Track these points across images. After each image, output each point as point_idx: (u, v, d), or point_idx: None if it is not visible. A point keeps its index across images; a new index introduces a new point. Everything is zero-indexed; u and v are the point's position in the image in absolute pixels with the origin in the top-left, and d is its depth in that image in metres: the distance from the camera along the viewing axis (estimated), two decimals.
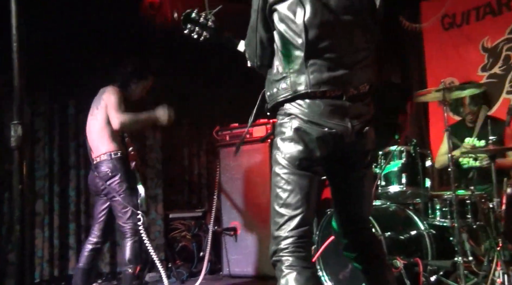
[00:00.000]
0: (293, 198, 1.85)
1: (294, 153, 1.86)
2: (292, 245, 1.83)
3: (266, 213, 5.00)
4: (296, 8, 1.84)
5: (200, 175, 5.93)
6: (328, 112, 1.84)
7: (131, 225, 3.45)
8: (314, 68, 1.84)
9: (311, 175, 1.88)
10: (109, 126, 3.50)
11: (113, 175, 3.44)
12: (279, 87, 1.92)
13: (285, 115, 1.91)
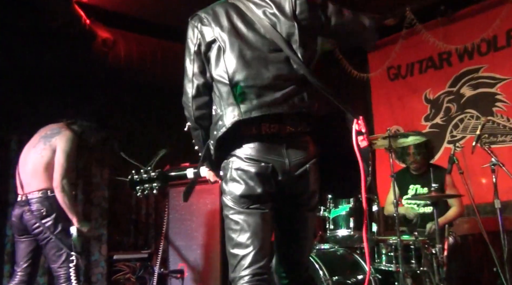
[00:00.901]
0: (243, 237, 1.85)
1: (236, 192, 1.87)
2: (248, 283, 1.81)
3: (215, 254, 4.97)
4: (220, 50, 1.91)
5: (148, 214, 5.79)
6: (265, 148, 1.87)
7: (66, 268, 3.29)
8: (242, 98, 1.87)
9: (258, 212, 1.87)
10: (53, 167, 3.38)
11: (48, 214, 3.29)
12: (217, 126, 1.93)
13: (226, 158, 1.93)
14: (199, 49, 1.98)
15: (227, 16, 1.95)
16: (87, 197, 5.31)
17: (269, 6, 1.94)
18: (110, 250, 5.28)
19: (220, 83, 1.92)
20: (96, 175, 5.42)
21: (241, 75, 1.88)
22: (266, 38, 1.92)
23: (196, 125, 2.07)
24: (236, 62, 1.89)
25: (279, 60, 1.91)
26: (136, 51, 5.09)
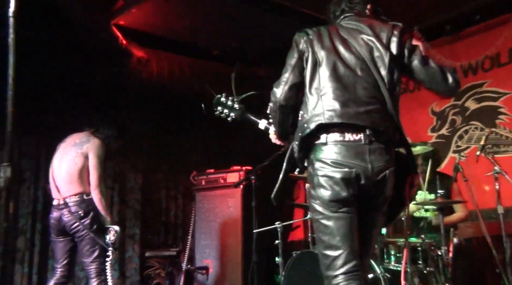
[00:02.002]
0: (333, 240, 1.86)
1: (324, 197, 1.88)
2: (342, 280, 1.83)
3: (237, 253, 4.98)
4: (316, 63, 2.00)
5: (176, 216, 5.82)
6: (349, 153, 1.87)
7: (97, 264, 3.33)
8: (329, 106, 1.92)
9: (346, 215, 1.88)
10: (86, 172, 3.44)
11: (85, 215, 3.34)
12: (303, 128, 1.97)
13: (311, 164, 1.96)
14: (300, 57, 2.05)
15: (329, 36, 2.05)
16: (122, 199, 5.38)
17: (369, 33, 2.03)
18: (142, 248, 5.33)
19: (311, 91, 1.98)
20: (130, 179, 5.49)
21: (331, 87, 1.94)
22: (359, 59, 1.98)
23: (277, 110, 2.09)
24: (329, 75, 1.96)
25: (367, 81, 1.96)
26: (167, 68, 5.16)
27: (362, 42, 2.01)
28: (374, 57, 1.98)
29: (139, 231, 5.39)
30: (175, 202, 5.84)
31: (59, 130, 4.73)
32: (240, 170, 5.10)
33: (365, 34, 2.03)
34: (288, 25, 5.00)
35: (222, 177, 5.22)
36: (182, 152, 5.90)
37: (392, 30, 2.03)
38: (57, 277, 3.41)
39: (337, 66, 1.97)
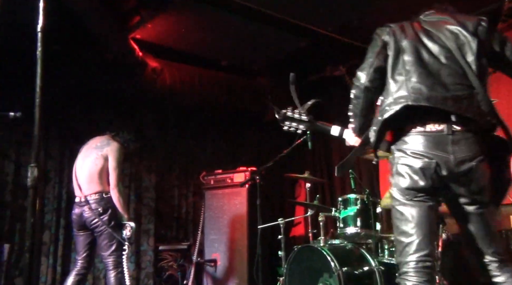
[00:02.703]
0: (407, 227, 1.77)
1: (402, 185, 1.79)
2: (412, 269, 1.73)
3: (243, 247, 4.96)
4: (399, 51, 1.89)
5: (187, 212, 5.82)
6: (430, 144, 1.76)
7: (114, 257, 3.34)
8: (414, 89, 1.80)
9: (422, 204, 1.77)
10: (105, 172, 3.46)
11: (104, 211, 3.36)
12: (384, 111, 1.84)
13: (392, 153, 1.86)
14: (383, 45, 1.94)
15: (412, 27, 1.95)
16: (138, 197, 5.39)
17: (453, 23, 1.91)
18: (156, 242, 5.33)
19: (394, 77, 1.87)
20: (145, 179, 5.50)
21: (416, 71, 1.83)
22: (443, 47, 1.87)
23: (361, 94, 1.95)
24: (414, 62, 1.84)
25: (453, 67, 1.83)
26: (179, 77, 5.18)
27: (447, 31, 1.89)
28: (460, 44, 1.85)
29: (153, 227, 5.39)
30: (186, 200, 5.85)
31: (81, 135, 4.77)
32: (246, 171, 5.10)
33: (449, 24, 1.91)
34: (289, 39, 5.03)
35: (229, 177, 5.22)
36: (192, 154, 5.92)
37: (478, 20, 1.90)
38: (78, 268, 3.42)
39: (421, 53, 1.86)
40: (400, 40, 1.91)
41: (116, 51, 4.50)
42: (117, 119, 5.18)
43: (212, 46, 5.20)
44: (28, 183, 1.52)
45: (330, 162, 6.28)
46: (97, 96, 5.02)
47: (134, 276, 5.04)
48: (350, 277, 3.38)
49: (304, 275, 3.60)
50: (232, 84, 5.73)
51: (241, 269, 4.82)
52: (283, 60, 5.61)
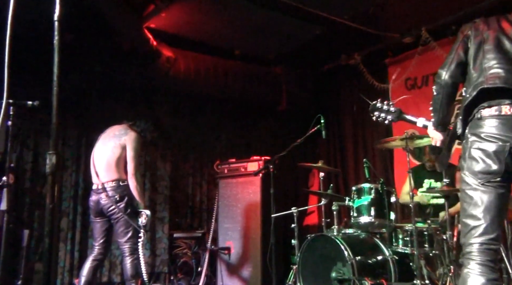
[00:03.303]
0: (475, 210, 1.77)
1: (474, 169, 1.80)
2: (476, 251, 1.75)
3: (256, 235, 4.98)
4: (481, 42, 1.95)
5: (201, 201, 5.87)
6: (505, 127, 1.76)
7: (130, 244, 3.38)
8: (492, 74, 1.85)
9: (493, 190, 1.77)
10: (122, 161, 3.49)
11: (121, 199, 3.39)
12: (465, 99, 1.90)
13: (465, 138, 1.89)
14: (463, 40, 2.01)
15: (497, 20, 2.00)
16: (153, 185, 5.44)
17: None
18: (171, 229, 5.39)
19: (475, 67, 1.93)
20: (160, 168, 5.55)
21: (495, 58, 1.88)
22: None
23: (441, 90, 2.03)
24: (493, 49, 1.90)
25: None
26: (193, 67, 5.17)
27: None
28: None
29: (168, 215, 5.45)
30: (200, 189, 5.89)
31: (97, 123, 4.82)
32: (260, 160, 5.10)
33: None
34: (304, 28, 4.98)
35: (243, 166, 5.23)
36: (207, 143, 5.95)
37: None
38: (95, 254, 3.48)
39: (502, 41, 1.91)
40: (482, 32, 1.97)
41: (131, 40, 4.51)
42: (133, 108, 5.22)
43: (226, 35, 5.17)
44: (47, 170, 1.54)
45: (344, 151, 6.25)
46: (113, 86, 5.05)
47: (149, 262, 5.11)
48: (363, 266, 3.38)
49: (317, 264, 3.61)
50: (247, 73, 5.71)
51: (255, 257, 4.85)
52: (298, 49, 5.56)
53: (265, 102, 6.08)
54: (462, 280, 1.73)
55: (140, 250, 3.40)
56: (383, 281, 3.31)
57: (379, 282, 3.31)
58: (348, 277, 3.31)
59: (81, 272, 3.44)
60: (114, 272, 4.97)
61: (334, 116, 6.34)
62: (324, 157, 5.84)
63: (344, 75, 6.15)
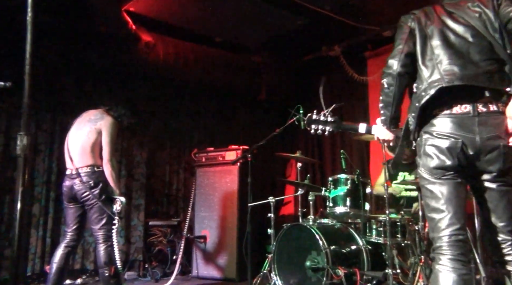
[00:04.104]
0: (437, 204, 1.82)
1: (430, 165, 1.85)
2: (446, 243, 1.79)
3: (233, 224, 5.00)
4: (426, 37, 1.95)
5: (178, 189, 5.84)
6: (456, 125, 1.81)
7: (104, 231, 3.34)
8: (447, 71, 1.85)
9: (450, 181, 1.82)
10: (97, 146, 3.42)
11: (95, 185, 3.33)
12: (420, 97, 1.89)
13: (420, 136, 1.92)
14: (410, 31, 1.99)
15: (435, 12, 1.99)
16: (129, 173, 5.38)
17: (474, 1, 1.93)
18: (146, 217, 5.35)
19: (425, 63, 1.92)
20: (137, 155, 5.48)
21: (445, 54, 1.88)
22: (468, 27, 1.90)
23: (393, 81, 1.98)
24: (441, 45, 1.90)
25: (481, 44, 1.87)
26: (172, 53, 5.10)
27: (469, 10, 1.93)
28: (483, 20, 1.88)
29: (144, 202, 5.40)
30: (177, 177, 5.86)
31: (72, 108, 4.73)
32: (238, 149, 5.10)
33: (471, 2, 1.94)
34: (284, 16, 4.96)
35: (221, 155, 5.22)
36: (185, 131, 5.91)
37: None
38: (67, 241, 3.42)
39: (447, 36, 1.91)
40: (425, 26, 1.96)
41: (108, 23, 4.40)
42: (110, 93, 5.12)
43: (207, 22, 5.11)
44: (17, 152, 1.50)
45: (322, 142, 6.30)
46: (89, 69, 4.94)
47: (123, 250, 5.07)
48: (337, 255, 3.44)
49: (292, 253, 3.65)
50: (227, 61, 5.67)
51: (231, 246, 4.88)
52: (279, 38, 5.55)
53: (244, 91, 6.06)
54: (434, 276, 1.77)
55: (114, 237, 3.36)
56: (356, 270, 3.37)
57: (352, 271, 3.37)
58: (322, 265, 3.36)
59: (53, 259, 3.37)
60: (87, 259, 4.91)
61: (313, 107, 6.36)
62: (302, 147, 5.89)
63: (324, 67, 6.18)
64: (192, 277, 5.01)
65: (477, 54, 1.85)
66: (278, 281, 3.66)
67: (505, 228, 1.84)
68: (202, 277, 4.96)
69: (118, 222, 3.37)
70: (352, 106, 5.99)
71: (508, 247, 1.84)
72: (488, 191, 1.86)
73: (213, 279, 4.89)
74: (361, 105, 5.88)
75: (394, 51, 2.01)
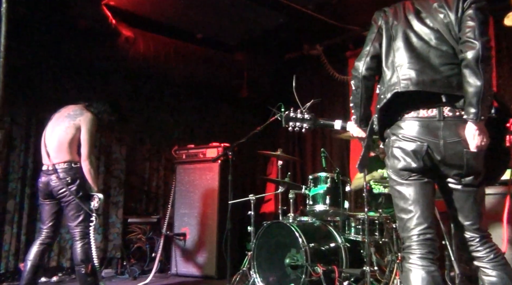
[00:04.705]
0: (405, 204, 1.87)
1: (396, 166, 1.89)
2: (415, 243, 1.83)
3: (213, 221, 4.98)
4: (391, 38, 1.97)
5: (158, 186, 5.79)
6: (422, 129, 1.84)
7: (81, 228, 3.29)
8: (404, 75, 1.87)
9: (417, 182, 1.86)
10: (75, 142, 3.36)
11: (72, 181, 3.28)
12: (380, 99, 1.94)
13: (388, 137, 1.96)
14: (379, 31, 2.01)
15: (404, 10, 2.00)
16: (108, 169, 5.30)
17: (441, 2, 1.93)
18: (125, 214, 5.28)
19: (387, 65, 1.95)
20: (115, 151, 5.40)
21: (405, 57, 1.90)
22: (432, 29, 1.91)
23: (359, 83, 2.02)
24: (403, 47, 1.92)
25: (442, 48, 1.88)
26: (153, 48, 5.04)
27: (434, 11, 1.93)
28: (448, 24, 1.88)
29: (123, 199, 5.33)
30: (157, 174, 5.80)
31: (50, 103, 4.62)
32: (219, 146, 5.08)
33: (437, 1, 1.94)
34: (266, 14, 4.96)
35: (201, 152, 5.19)
36: (165, 127, 5.85)
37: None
38: (43, 238, 3.35)
39: (410, 38, 1.92)
40: (392, 26, 1.98)
41: (88, 16, 4.31)
42: (89, 88, 5.03)
43: (189, 18, 5.07)
44: None
45: (303, 141, 6.34)
46: (68, 64, 4.84)
47: (101, 247, 5.00)
48: (316, 252, 3.47)
49: (272, 250, 3.66)
50: (208, 58, 5.63)
51: (210, 243, 4.86)
52: (261, 36, 5.55)
53: (226, 88, 6.04)
54: (405, 274, 1.83)
55: (92, 235, 3.31)
56: (334, 267, 3.40)
57: (330, 268, 3.40)
58: (301, 263, 3.38)
59: (27, 256, 3.30)
60: (64, 257, 4.82)
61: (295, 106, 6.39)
62: (283, 145, 5.90)
63: (306, 65, 6.21)
64: (171, 275, 4.99)
65: (437, 58, 1.87)
66: (257, 279, 3.66)
67: (471, 226, 1.91)
68: (181, 275, 4.93)
69: (96, 219, 3.32)
70: (333, 105, 6.03)
71: (476, 244, 1.90)
72: (454, 192, 1.92)
73: (192, 276, 4.87)
74: (341, 104, 5.94)
75: (362, 52, 2.05)
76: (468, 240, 1.93)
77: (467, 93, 1.77)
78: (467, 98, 1.78)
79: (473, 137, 1.79)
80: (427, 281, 1.77)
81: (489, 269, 1.86)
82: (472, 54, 1.76)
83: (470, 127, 1.79)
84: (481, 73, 1.74)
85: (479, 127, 1.78)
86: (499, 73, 4.63)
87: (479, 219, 1.91)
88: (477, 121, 1.76)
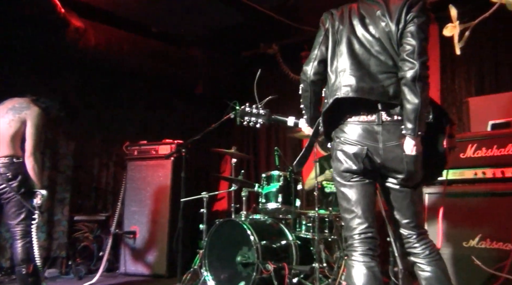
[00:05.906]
0: (348, 204, 1.97)
1: (339, 168, 1.98)
2: (357, 241, 1.94)
3: (164, 219, 4.93)
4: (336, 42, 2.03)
5: (107, 183, 5.63)
6: (362, 134, 1.94)
7: (23, 226, 3.16)
8: (345, 82, 1.95)
9: (358, 183, 1.96)
10: (19, 137, 3.21)
11: (13, 177, 3.14)
12: (324, 104, 2.02)
13: (333, 140, 2.04)
14: (326, 35, 2.07)
15: (349, 16, 2.04)
16: (54, 164, 5.09)
17: (383, 9, 1.97)
18: (71, 212, 5.10)
19: (332, 70, 2.01)
20: (62, 146, 5.20)
21: (348, 64, 1.95)
22: (374, 37, 1.97)
23: (308, 87, 2.10)
24: (346, 53, 1.98)
25: (382, 57, 1.95)
26: (104, 40, 4.89)
27: (378, 19, 1.98)
28: (388, 33, 1.94)
29: (69, 196, 5.14)
30: (107, 170, 5.64)
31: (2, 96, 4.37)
32: (172, 143, 5.03)
33: (381, 9, 1.98)
34: (223, 11, 4.96)
35: (154, 149, 5.12)
36: (116, 122, 5.70)
37: (403, 5, 1.93)
38: None
39: (353, 44, 1.98)
40: (337, 30, 2.05)
41: (34, 5, 4.12)
42: (35, 80, 4.80)
43: (143, 11, 4.97)
44: None
45: (257, 139, 6.40)
46: (13, 55, 4.59)
47: (45, 246, 4.80)
48: (267, 250, 3.52)
49: (224, 248, 3.68)
50: (163, 52, 5.55)
51: (161, 242, 4.81)
52: (218, 33, 5.54)
53: (181, 84, 5.97)
54: (348, 270, 1.95)
55: (34, 233, 3.18)
56: (285, 265, 3.48)
57: (281, 265, 3.47)
58: (253, 260, 3.43)
59: None
60: (3, 257, 4.59)
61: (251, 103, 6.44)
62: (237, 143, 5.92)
63: (262, 64, 6.25)
64: (119, 274, 4.88)
65: (376, 67, 1.95)
66: (208, 277, 3.67)
67: (408, 224, 2.04)
68: (130, 274, 4.84)
69: (39, 216, 3.20)
70: (287, 103, 6.12)
71: (413, 241, 2.03)
72: (393, 192, 2.04)
73: (142, 275, 4.80)
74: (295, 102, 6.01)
75: (310, 56, 2.12)
76: (405, 237, 2.05)
77: (406, 109, 1.88)
78: (405, 114, 1.89)
79: (411, 151, 1.90)
80: (367, 276, 1.88)
81: (424, 264, 1.99)
82: (410, 73, 1.85)
83: (408, 142, 1.90)
84: (419, 92, 1.85)
85: (416, 142, 1.89)
86: (443, 78, 4.88)
87: (416, 217, 2.04)
88: (414, 136, 1.88)
